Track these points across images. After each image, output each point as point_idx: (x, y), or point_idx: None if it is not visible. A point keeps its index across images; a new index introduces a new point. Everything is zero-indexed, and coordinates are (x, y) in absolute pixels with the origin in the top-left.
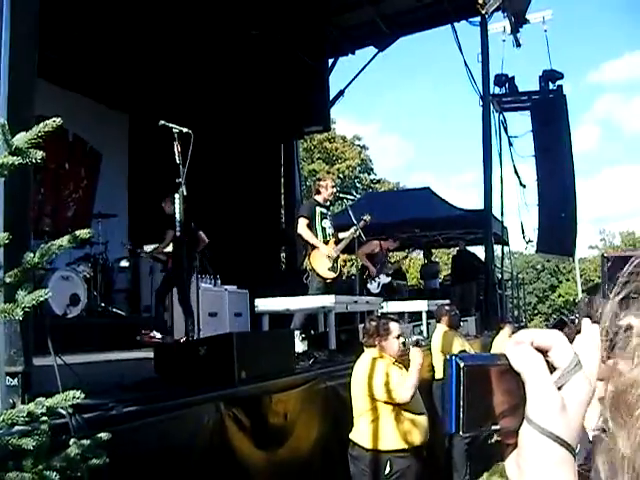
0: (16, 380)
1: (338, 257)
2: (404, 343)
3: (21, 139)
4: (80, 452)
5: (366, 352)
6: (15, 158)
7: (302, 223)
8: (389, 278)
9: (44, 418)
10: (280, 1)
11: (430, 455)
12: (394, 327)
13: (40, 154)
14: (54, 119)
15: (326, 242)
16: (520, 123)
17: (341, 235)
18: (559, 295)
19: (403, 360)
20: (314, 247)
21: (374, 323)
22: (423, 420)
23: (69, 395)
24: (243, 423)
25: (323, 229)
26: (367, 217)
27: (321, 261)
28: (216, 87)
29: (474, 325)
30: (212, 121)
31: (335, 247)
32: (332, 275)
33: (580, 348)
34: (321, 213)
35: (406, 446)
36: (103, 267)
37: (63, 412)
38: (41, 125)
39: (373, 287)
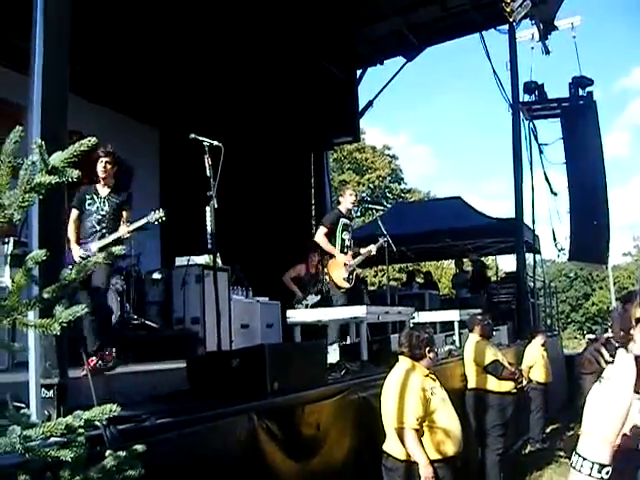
0: (51, 392)
1: (354, 270)
2: (437, 354)
3: (57, 158)
4: (116, 463)
5: (400, 362)
6: (52, 177)
7: (321, 231)
8: (318, 296)
9: (81, 430)
10: (309, 13)
11: (463, 466)
12: (430, 339)
13: (76, 173)
14: (89, 138)
15: (344, 253)
16: (550, 130)
17: (362, 251)
18: (593, 303)
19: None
20: (332, 256)
21: (411, 334)
22: (457, 430)
23: (105, 408)
24: (276, 434)
25: (342, 240)
26: (381, 241)
27: (338, 270)
28: (246, 99)
29: (506, 334)
30: (242, 133)
31: (352, 259)
32: (347, 285)
33: (615, 376)
34: (343, 224)
35: (440, 456)
36: (136, 280)
37: (98, 424)
38: (77, 145)
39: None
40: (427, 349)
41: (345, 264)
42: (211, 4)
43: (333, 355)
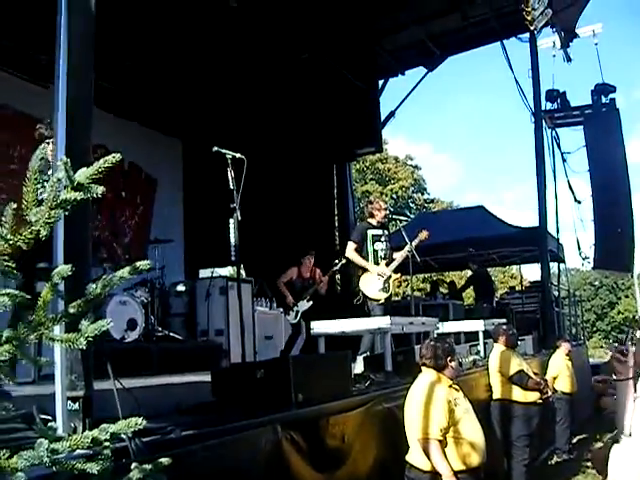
0: (77, 404)
1: (389, 277)
2: (461, 364)
3: (82, 175)
4: (142, 476)
5: (423, 373)
6: (77, 194)
7: (350, 247)
8: (310, 303)
9: (107, 443)
10: (329, 25)
11: (490, 477)
12: (451, 349)
13: (101, 189)
14: (114, 155)
15: (377, 264)
16: (573, 138)
17: (395, 255)
18: (618, 312)
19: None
20: (364, 270)
21: (432, 344)
22: (481, 441)
23: (131, 422)
24: (300, 446)
25: (375, 251)
26: (423, 234)
27: (370, 284)
28: (268, 111)
29: (531, 344)
30: (265, 145)
31: (387, 268)
32: (384, 296)
33: None
34: (373, 236)
35: (464, 467)
36: (160, 292)
37: (124, 436)
38: (101, 161)
39: (291, 317)
40: (448, 359)
41: (379, 274)
42: (234, 18)
43: (358, 366)
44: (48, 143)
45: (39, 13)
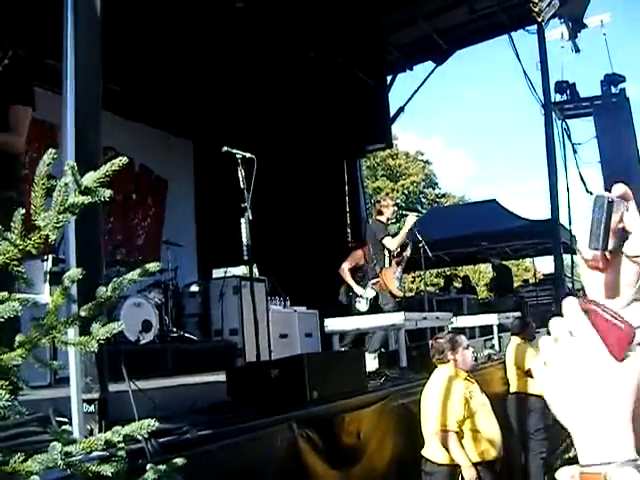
0: (93, 407)
1: (401, 277)
2: (476, 358)
3: (90, 178)
4: (157, 477)
5: (439, 369)
6: (85, 197)
7: (393, 243)
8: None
9: (121, 445)
10: (336, 22)
11: (507, 471)
12: (461, 339)
13: (108, 192)
14: (120, 158)
15: (390, 262)
16: (584, 129)
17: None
18: None
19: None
20: (382, 266)
21: (441, 340)
22: (497, 434)
23: (144, 423)
24: (316, 443)
25: (388, 250)
26: (411, 219)
27: (392, 280)
28: (277, 110)
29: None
30: (275, 143)
31: (397, 267)
32: (401, 294)
33: None
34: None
35: (480, 460)
36: (174, 293)
37: (139, 437)
38: (108, 165)
39: (362, 306)
40: (450, 352)
41: (394, 273)
42: (240, 18)
43: (372, 362)
44: None
45: (45, 17)
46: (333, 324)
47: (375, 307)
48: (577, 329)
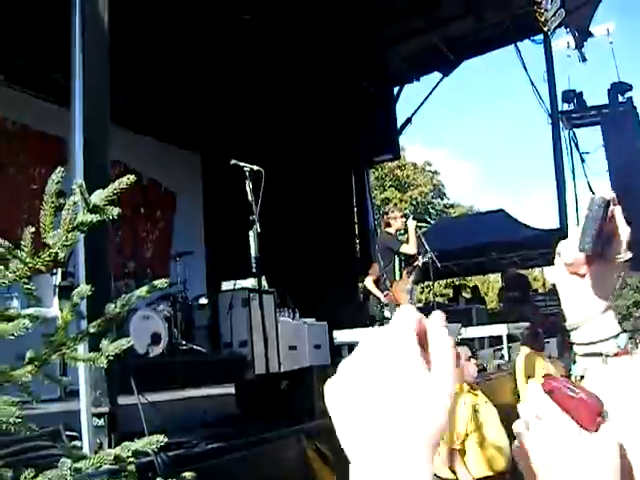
0: (102, 420)
1: (412, 289)
2: (485, 368)
3: (98, 197)
4: None
5: None
6: (93, 216)
7: (411, 248)
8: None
9: (131, 460)
10: (343, 34)
11: None
12: (462, 350)
13: (117, 211)
14: (129, 176)
15: (400, 275)
16: (591, 138)
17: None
18: None
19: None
20: (393, 280)
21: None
22: (505, 445)
23: (154, 439)
24: (326, 455)
25: (400, 261)
26: (412, 224)
27: (402, 294)
28: (285, 122)
29: (556, 346)
30: (283, 155)
31: (408, 280)
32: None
33: None
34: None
35: (490, 472)
36: (183, 305)
37: (149, 451)
38: (117, 183)
39: (388, 314)
40: (463, 361)
41: (405, 286)
42: (248, 30)
43: None
44: None
45: (53, 31)
46: (342, 336)
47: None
48: (542, 412)
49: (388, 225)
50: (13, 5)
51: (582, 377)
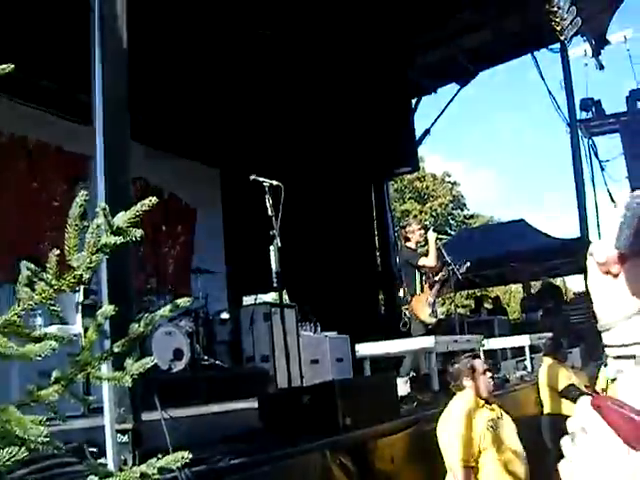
0: (126, 437)
1: (435, 302)
2: (508, 380)
3: (121, 219)
4: None
5: (457, 397)
6: (117, 238)
7: (430, 260)
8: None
9: (156, 477)
10: (361, 46)
11: None
12: (478, 364)
13: (140, 232)
14: (150, 198)
15: (421, 289)
16: (611, 146)
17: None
18: None
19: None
20: (412, 294)
21: (457, 365)
22: (522, 460)
23: (178, 455)
24: (350, 470)
25: (421, 275)
26: (432, 236)
27: (423, 307)
28: (303, 136)
29: (579, 356)
30: (302, 170)
31: (430, 292)
32: (433, 320)
33: None
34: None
35: None
36: (204, 321)
37: (173, 467)
38: (139, 205)
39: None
40: (466, 378)
41: (427, 299)
42: (267, 46)
43: (404, 387)
44: None
45: (74, 52)
46: (364, 349)
47: (407, 334)
48: (589, 426)
49: (407, 240)
50: (34, 26)
51: (614, 380)
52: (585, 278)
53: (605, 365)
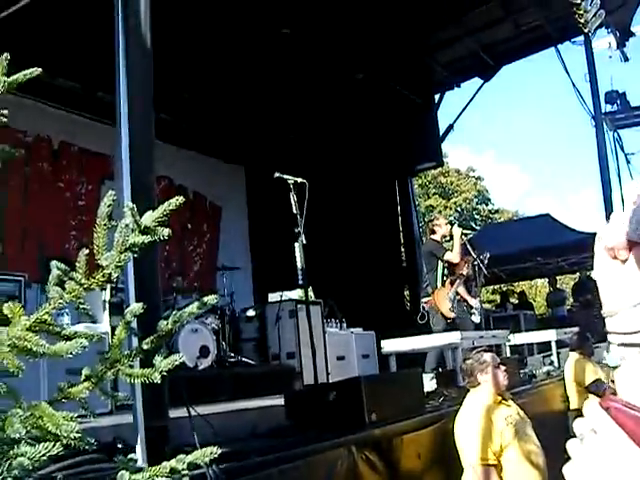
0: (155, 433)
1: (455, 297)
2: (535, 375)
3: (148, 218)
4: None
5: (471, 394)
6: (144, 237)
7: (455, 256)
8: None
9: (185, 472)
10: (382, 43)
11: None
12: (488, 357)
13: (167, 231)
14: (177, 197)
15: (443, 283)
16: (636, 139)
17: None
18: None
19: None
20: (433, 289)
21: (469, 360)
22: (539, 458)
23: (207, 451)
24: (376, 465)
25: (443, 269)
26: (458, 231)
27: (444, 301)
28: (327, 133)
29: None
30: (326, 167)
31: (451, 287)
32: (453, 315)
33: None
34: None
35: None
36: (230, 318)
37: (201, 463)
38: (166, 204)
39: (476, 318)
40: (479, 373)
41: (447, 294)
42: (288, 44)
43: (430, 382)
44: None
45: (98, 51)
46: (390, 345)
47: (426, 327)
48: (599, 426)
49: (433, 232)
50: (56, 25)
51: (615, 367)
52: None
53: (607, 352)
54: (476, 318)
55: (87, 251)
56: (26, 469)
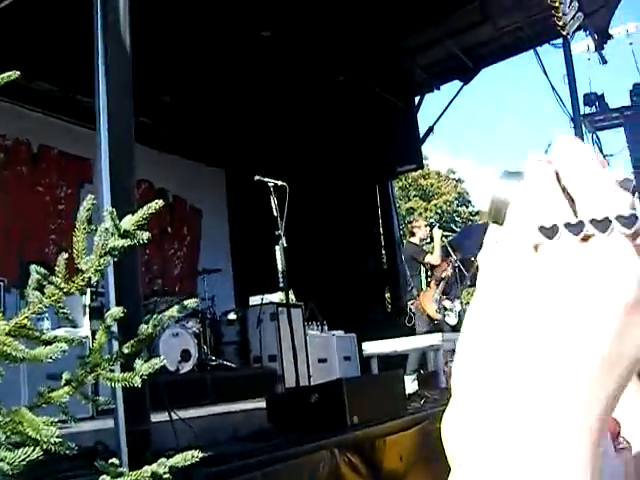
0: (136, 438)
1: (441, 298)
2: None
3: (128, 222)
4: None
5: None
6: (124, 241)
7: (435, 258)
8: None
9: (166, 476)
10: (361, 44)
11: None
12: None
13: (147, 235)
14: (157, 201)
15: (428, 284)
16: (615, 140)
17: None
18: None
19: None
20: (419, 289)
21: (451, 363)
22: None
23: (188, 455)
24: (358, 468)
25: (426, 270)
26: (438, 233)
27: (430, 303)
28: (307, 136)
29: None
30: (306, 169)
31: (436, 289)
32: (439, 317)
33: None
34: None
35: None
36: (211, 321)
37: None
38: (145, 208)
39: (452, 320)
40: None
41: (433, 295)
42: (268, 47)
43: (411, 384)
44: None
45: (76, 54)
46: (371, 347)
47: (411, 329)
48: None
49: (412, 234)
50: (33, 27)
51: None
52: None
53: None
54: (451, 320)
55: (67, 255)
56: (6, 474)
